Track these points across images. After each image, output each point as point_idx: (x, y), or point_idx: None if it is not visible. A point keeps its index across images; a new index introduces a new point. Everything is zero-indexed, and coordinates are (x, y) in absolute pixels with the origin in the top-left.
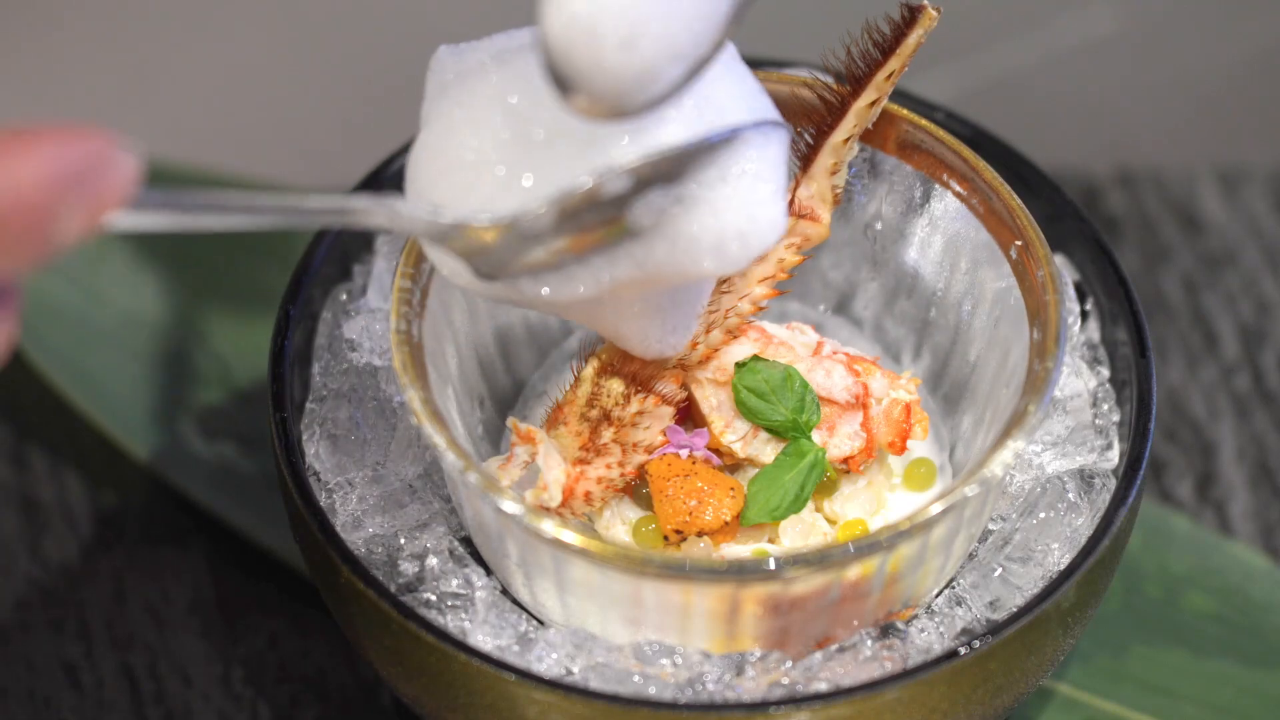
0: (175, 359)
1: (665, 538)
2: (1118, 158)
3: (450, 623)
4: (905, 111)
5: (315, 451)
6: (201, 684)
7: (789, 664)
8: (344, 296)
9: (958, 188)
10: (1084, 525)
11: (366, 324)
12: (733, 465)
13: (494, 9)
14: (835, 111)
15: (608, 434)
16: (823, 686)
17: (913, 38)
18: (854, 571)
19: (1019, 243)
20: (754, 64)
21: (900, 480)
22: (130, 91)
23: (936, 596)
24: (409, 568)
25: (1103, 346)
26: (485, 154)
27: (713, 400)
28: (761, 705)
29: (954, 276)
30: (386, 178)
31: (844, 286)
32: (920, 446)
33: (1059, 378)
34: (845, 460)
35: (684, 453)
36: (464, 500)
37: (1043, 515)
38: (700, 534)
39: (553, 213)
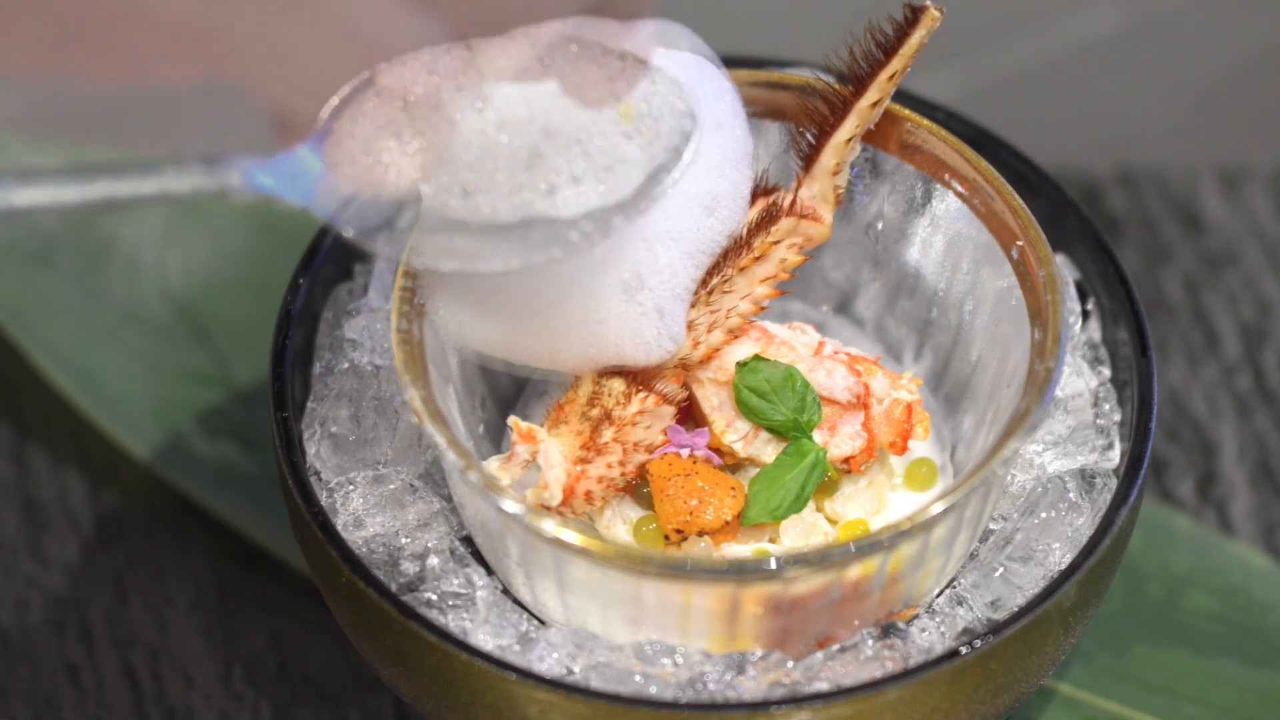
0: (175, 359)
1: (666, 537)
2: (1118, 157)
3: (451, 622)
4: (907, 111)
5: (316, 451)
6: (202, 683)
7: (790, 663)
8: (345, 296)
9: (959, 188)
10: (1085, 525)
11: (367, 323)
12: (734, 465)
13: None
14: (837, 112)
15: (609, 433)
16: (823, 686)
17: (915, 38)
18: (855, 571)
19: (1020, 242)
20: (756, 64)
21: (901, 480)
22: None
23: (938, 596)
24: (410, 567)
25: (1104, 346)
26: None
27: (714, 400)
28: (762, 705)
29: (955, 276)
30: None
31: (845, 286)
32: (921, 446)
33: (1060, 377)
34: (846, 460)
35: (685, 452)
36: (465, 499)
37: (1044, 515)
38: (701, 533)
39: None
